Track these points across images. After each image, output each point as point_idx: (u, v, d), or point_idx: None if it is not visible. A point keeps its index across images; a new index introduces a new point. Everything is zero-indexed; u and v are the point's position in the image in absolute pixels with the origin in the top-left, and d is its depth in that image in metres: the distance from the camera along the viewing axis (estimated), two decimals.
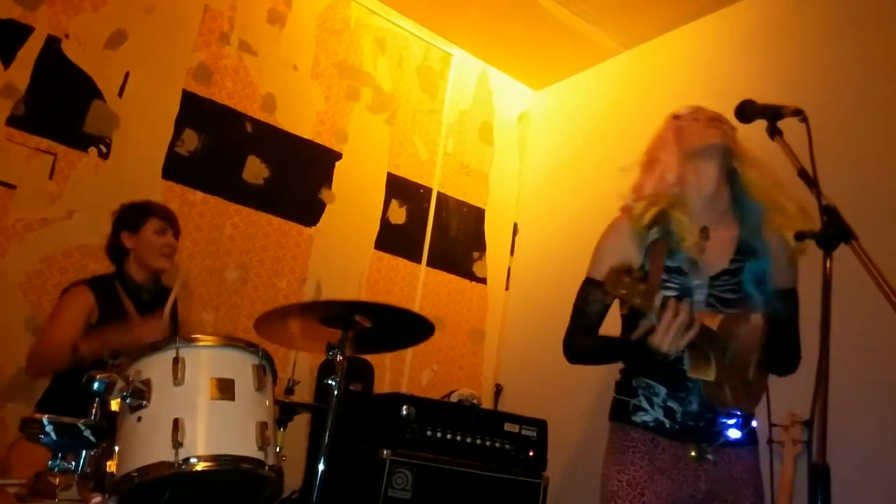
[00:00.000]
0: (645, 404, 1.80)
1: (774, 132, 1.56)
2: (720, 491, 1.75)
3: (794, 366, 1.85)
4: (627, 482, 1.72)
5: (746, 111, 1.64)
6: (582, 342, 1.91)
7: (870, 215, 2.30)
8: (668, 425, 1.76)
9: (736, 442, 1.78)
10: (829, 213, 1.36)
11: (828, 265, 1.32)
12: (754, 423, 1.85)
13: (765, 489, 1.80)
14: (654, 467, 1.73)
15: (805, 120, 1.50)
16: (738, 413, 1.79)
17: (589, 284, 1.89)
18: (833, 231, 1.34)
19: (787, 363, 1.85)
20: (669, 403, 1.77)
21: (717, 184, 1.81)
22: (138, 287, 2.67)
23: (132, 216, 2.69)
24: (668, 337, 1.56)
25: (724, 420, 1.77)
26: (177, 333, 2.59)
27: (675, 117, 1.91)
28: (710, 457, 1.74)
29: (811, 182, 1.41)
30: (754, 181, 1.82)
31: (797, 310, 1.86)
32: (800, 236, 1.40)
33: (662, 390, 1.78)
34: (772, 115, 1.57)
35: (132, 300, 2.66)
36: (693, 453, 1.74)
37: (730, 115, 1.72)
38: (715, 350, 1.66)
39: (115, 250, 2.70)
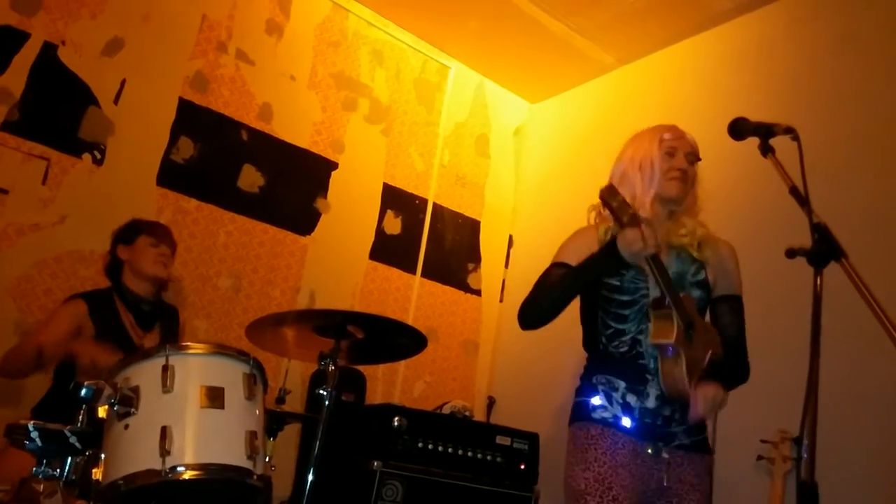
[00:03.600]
0: (604, 401, 1.84)
1: (766, 150, 1.57)
2: (668, 492, 1.80)
3: (743, 377, 1.90)
4: (594, 479, 1.75)
5: (739, 129, 1.65)
6: (542, 289, 1.93)
7: (861, 233, 2.31)
8: (626, 422, 1.81)
9: (688, 448, 1.84)
10: (820, 231, 1.37)
11: (818, 283, 1.33)
12: (707, 434, 1.90)
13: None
14: (616, 462, 1.77)
15: (797, 138, 1.52)
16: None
17: (552, 265, 1.96)
18: (824, 249, 1.35)
19: (735, 374, 1.88)
20: (628, 398, 1.82)
21: (667, 220, 1.94)
22: (137, 299, 2.67)
23: (127, 231, 2.74)
24: (636, 236, 1.69)
25: (677, 424, 1.83)
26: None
27: (660, 141, 1.94)
28: (665, 455, 1.80)
29: (803, 200, 1.42)
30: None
31: (742, 318, 1.93)
32: (790, 253, 1.41)
33: (622, 384, 1.84)
34: (764, 132, 1.58)
35: (131, 312, 2.66)
36: (650, 451, 1.80)
37: (722, 133, 1.72)
38: (679, 309, 1.74)
39: (112, 265, 2.72)
